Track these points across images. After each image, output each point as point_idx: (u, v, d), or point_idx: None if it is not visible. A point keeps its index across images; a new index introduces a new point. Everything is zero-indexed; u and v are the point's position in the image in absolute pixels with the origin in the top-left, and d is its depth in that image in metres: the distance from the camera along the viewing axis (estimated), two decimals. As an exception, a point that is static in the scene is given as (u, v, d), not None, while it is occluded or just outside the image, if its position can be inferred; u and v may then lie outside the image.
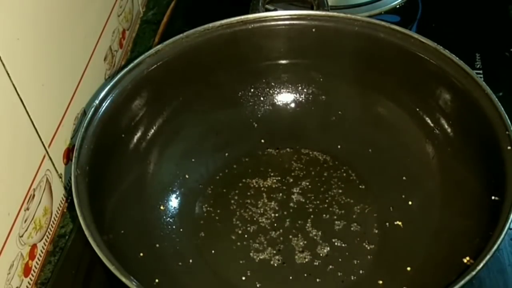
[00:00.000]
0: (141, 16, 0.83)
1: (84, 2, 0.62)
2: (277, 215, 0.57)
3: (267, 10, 0.64)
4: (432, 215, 0.54)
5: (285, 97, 0.64)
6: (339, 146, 0.62)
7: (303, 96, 0.63)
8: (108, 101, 0.54)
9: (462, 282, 0.42)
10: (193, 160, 0.60)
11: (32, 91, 0.52)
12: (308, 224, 0.56)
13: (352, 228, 0.56)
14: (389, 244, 0.54)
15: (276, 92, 0.64)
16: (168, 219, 0.56)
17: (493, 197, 0.48)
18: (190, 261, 0.54)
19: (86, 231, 0.45)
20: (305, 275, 0.53)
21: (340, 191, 0.59)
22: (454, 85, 0.54)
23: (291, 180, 0.60)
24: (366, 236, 0.55)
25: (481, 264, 0.42)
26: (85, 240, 0.44)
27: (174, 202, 0.58)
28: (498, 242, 0.43)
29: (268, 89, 0.63)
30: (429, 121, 0.58)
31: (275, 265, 0.54)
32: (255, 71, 0.62)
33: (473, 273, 0.42)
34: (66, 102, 0.59)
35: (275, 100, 0.64)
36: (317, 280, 0.52)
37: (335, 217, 0.57)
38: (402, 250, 0.54)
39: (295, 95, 0.64)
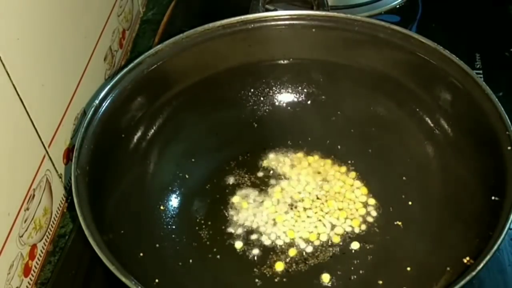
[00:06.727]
0: (141, 16, 0.83)
1: (84, 2, 0.62)
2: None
3: (267, 10, 0.64)
4: (432, 215, 0.54)
5: (285, 97, 0.64)
6: (339, 146, 0.62)
7: (303, 96, 0.63)
8: (108, 101, 0.54)
9: (462, 282, 0.42)
10: (193, 160, 0.60)
11: (32, 91, 0.52)
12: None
13: (352, 228, 0.56)
14: (389, 244, 0.54)
15: (276, 92, 0.64)
16: (168, 219, 0.56)
17: (493, 197, 0.48)
18: (190, 261, 0.54)
19: (86, 231, 0.45)
20: (305, 275, 0.53)
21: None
22: (454, 85, 0.54)
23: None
24: (366, 236, 0.55)
25: (481, 264, 0.42)
26: (85, 240, 0.44)
27: (174, 202, 0.58)
28: (498, 242, 0.43)
29: (268, 89, 0.63)
30: (429, 121, 0.58)
31: (275, 264, 0.54)
32: (255, 71, 0.62)
33: (473, 273, 0.42)
34: (66, 102, 0.59)
35: (275, 100, 0.64)
36: (317, 280, 0.52)
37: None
38: (402, 250, 0.54)
39: (295, 95, 0.64)
